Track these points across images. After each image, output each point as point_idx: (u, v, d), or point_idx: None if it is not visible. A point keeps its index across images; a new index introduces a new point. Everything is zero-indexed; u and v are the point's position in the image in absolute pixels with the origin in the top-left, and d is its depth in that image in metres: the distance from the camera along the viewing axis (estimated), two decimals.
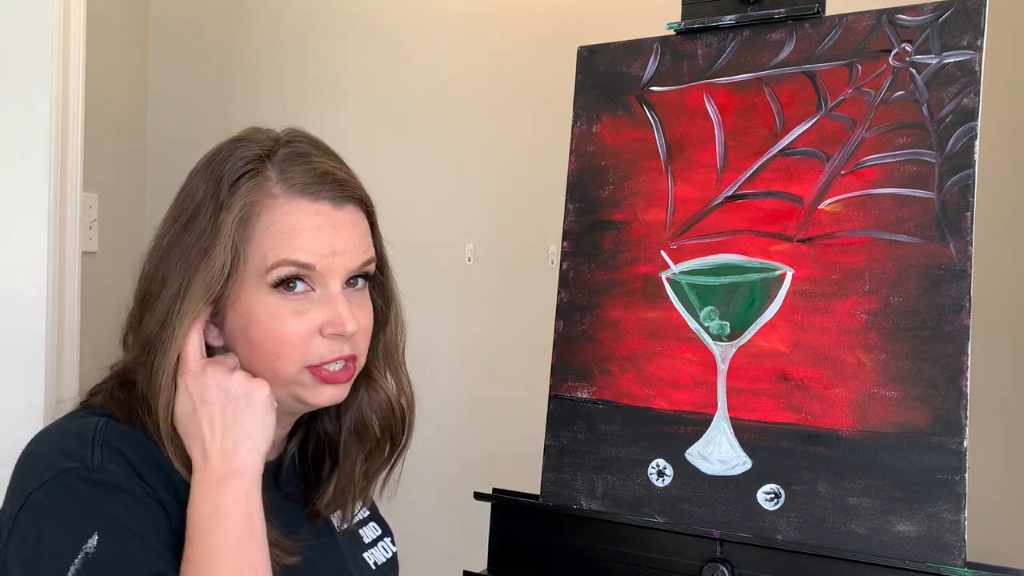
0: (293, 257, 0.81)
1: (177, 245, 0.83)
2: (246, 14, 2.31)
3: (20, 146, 1.64)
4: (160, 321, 0.81)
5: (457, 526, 1.13)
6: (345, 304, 0.83)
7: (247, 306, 0.82)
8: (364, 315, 0.87)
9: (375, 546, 1.00)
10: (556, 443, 1.18)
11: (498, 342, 2.07)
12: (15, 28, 1.64)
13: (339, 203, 0.84)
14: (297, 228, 0.82)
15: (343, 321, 0.82)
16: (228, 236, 0.80)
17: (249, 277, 0.82)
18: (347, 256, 0.84)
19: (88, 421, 0.80)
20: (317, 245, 0.82)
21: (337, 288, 0.83)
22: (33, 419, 1.63)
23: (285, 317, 0.82)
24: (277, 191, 0.83)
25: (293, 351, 0.82)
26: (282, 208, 0.82)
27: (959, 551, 0.94)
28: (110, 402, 0.83)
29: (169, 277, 0.82)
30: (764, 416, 1.06)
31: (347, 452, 0.94)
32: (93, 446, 0.77)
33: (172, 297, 0.81)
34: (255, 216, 0.82)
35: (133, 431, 0.81)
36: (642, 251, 1.17)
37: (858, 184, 1.06)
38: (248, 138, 0.86)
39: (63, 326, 1.69)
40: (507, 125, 2.08)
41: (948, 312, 0.99)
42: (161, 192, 2.34)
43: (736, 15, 1.15)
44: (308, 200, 0.83)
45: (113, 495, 0.75)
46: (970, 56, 1.02)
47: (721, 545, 1.05)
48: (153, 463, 0.79)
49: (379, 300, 0.92)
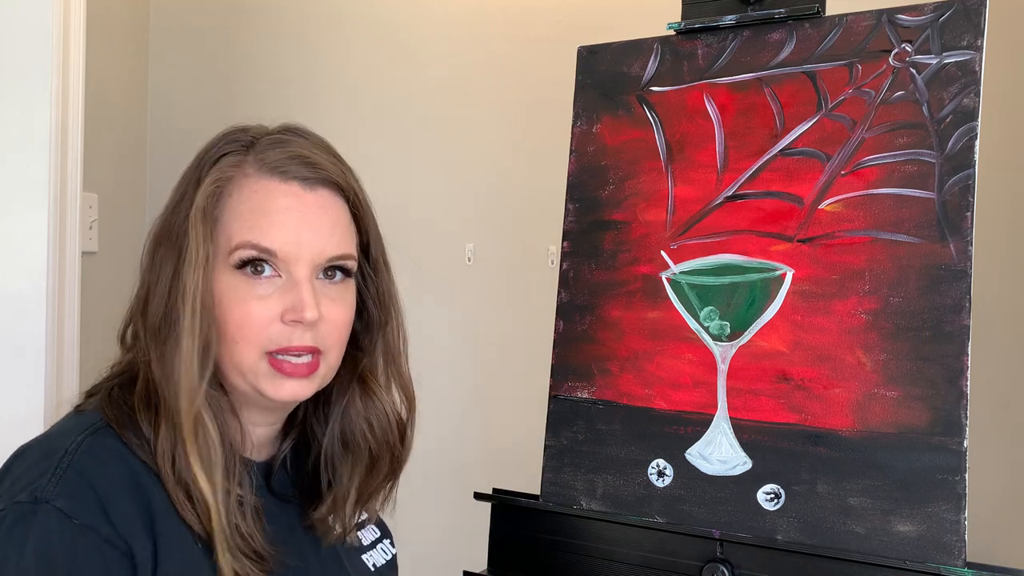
0: (255, 240, 0.80)
1: (164, 230, 0.83)
2: (246, 14, 2.31)
3: (20, 146, 1.64)
4: (162, 311, 0.80)
5: (457, 526, 1.13)
6: (309, 291, 0.80)
7: (217, 286, 0.80)
8: (336, 308, 0.84)
9: (373, 548, 0.99)
10: (556, 443, 1.18)
11: (498, 342, 2.07)
12: (15, 29, 1.64)
13: (310, 185, 0.82)
14: (263, 209, 0.80)
15: (303, 306, 0.79)
16: (199, 213, 0.79)
17: (218, 256, 0.81)
18: (315, 245, 0.81)
19: (66, 437, 0.77)
20: (283, 231, 0.80)
21: (303, 275, 0.81)
22: (33, 419, 1.63)
23: (247, 299, 0.80)
24: (250, 170, 0.82)
25: (251, 335, 0.80)
26: (251, 187, 0.81)
27: (959, 551, 0.94)
28: (106, 404, 0.81)
29: (163, 264, 0.81)
30: (764, 416, 1.06)
31: (338, 464, 0.91)
32: (55, 472, 0.74)
33: (167, 284, 0.80)
34: (226, 194, 0.81)
35: (116, 445, 0.78)
36: (642, 251, 1.17)
37: (858, 184, 1.06)
38: (242, 127, 0.86)
39: (63, 326, 1.69)
40: (507, 125, 2.08)
41: (948, 312, 0.99)
42: (161, 192, 2.33)
43: (736, 15, 1.15)
44: (278, 180, 0.81)
45: (48, 539, 0.71)
46: (970, 56, 1.02)
47: (721, 545, 1.05)
48: (129, 485, 0.76)
49: (372, 301, 0.90)
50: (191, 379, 0.78)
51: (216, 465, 0.78)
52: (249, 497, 0.82)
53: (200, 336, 0.78)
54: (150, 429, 0.79)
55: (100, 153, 2.01)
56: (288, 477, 0.93)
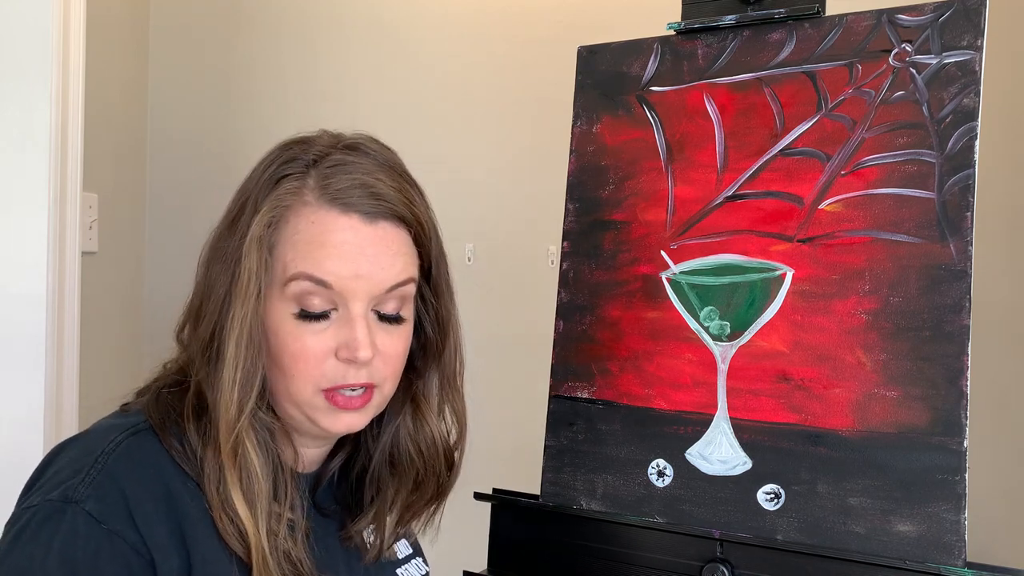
0: (310, 271, 0.77)
1: (220, 247, 0.80)
2: (246, 14, 2.31)
3: (20, 146, 1.64)
4: (211, 330, 0.78)
5: (457, 526, 1.12)
6: (364, 328, 0.78)
7: (270, 316, 0.78)
8: (392, 341, 0.81)
9: (408, 563, 0.98)
10: (556, 443, 1.18)
11: (498, 342, 2.07)
12: (15, 29, 1.64)
13: (372, 218, 0.78)
14: (319, 241, 0.77)
15: (357, 346, 0.77)
16: (254, 242, 0.76)
17: (273, 286, 0.78)
18: (373, 279, 0.78)
19: (106, 436, 0.77)
20: (339, 264, 0.77)
21: (359, 311, 0.78)
22: (32, 419, 1.63)
23: (302, 334, 0.78)
24: (310, 198, 0.78)
25: (306, 370, 0.78)
26: (309, 217, 0.78)
27: (959, 551, 0.94)
28: (152, 407, 0.80)
29: (216, 283, 0.79)
30: (764, 416, 1.06)
31: (383, 481, 0.90)
32: (89, 472, 0.74)
33: (217, 305, 0.78)
34: (283, 221, 0.78)
35: (155, 450, 0.77)
36: (642, 251, 1.17)
37: (858, 184, 1.06)
38: (311, 139, 0.83)
39: (63, 326, 1.69)
40: (507, 125, 2.08)
41: (948, 312, 0.99)
42: (161, 192, 2.34)
43: (736, 15, 1.15)
44: (338, 211, 0.78)
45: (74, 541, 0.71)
46: (970, 56, 1.02)
47: (721, 545, 1.05)
48: (161, 493, 0.75)
49: (430, 324, 0.88)
50: (229, 411, 0.76)
51: (259, 494, 0.77)
52: (300, 521, 0.81)
53: (243, 369, 0.76)
54: (198, 441, 0.78)
55: (100, 153, 2.01)
56: (331, 489, 0.92)
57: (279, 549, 0.77)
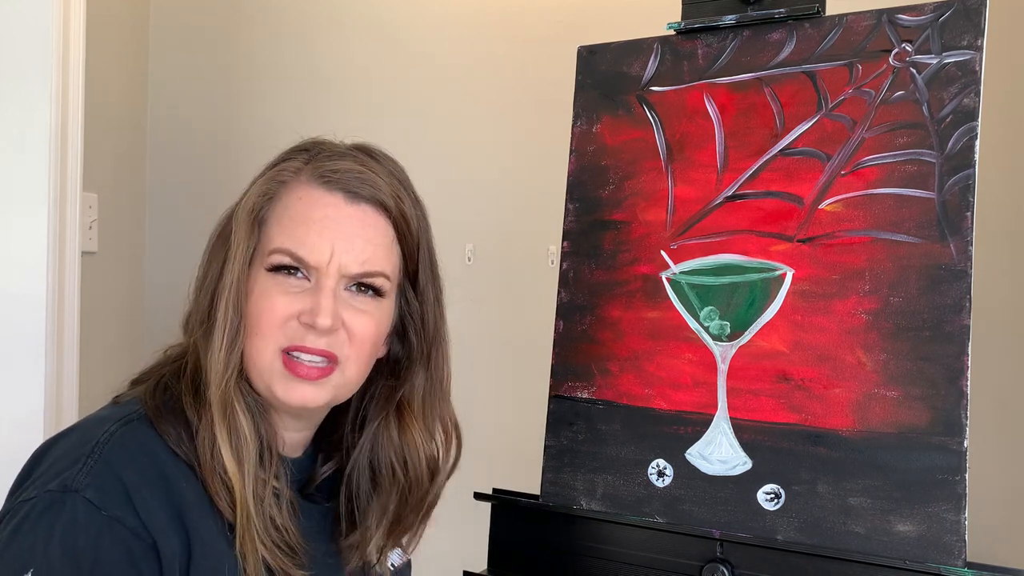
0: (290, 247, 0.81)
1: (223, 226, 0.86)
2: (246, 14, 2.31)
3: (20, 146, 1.64)
4: (207, 303, 0.83)
5: (457, 526, 1.13)
6: (330, 298, 0.81)
7: (252, 283, 0.82)
8: (360, 320, 0.83)
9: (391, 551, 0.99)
10: (556, 443, 1.18)
11: (498, 342, 2.06)
12: (15, 29, 1.64)
13: (353, 198, 0.83)
14: (302, 217, 0.82)
15: (319, 311, 0.80)
16: (245, 212, 0.82)
17: (258, 256, 0.83)
18: (344, 256, 0.82)
19: (100, 426, 0.78)
20: (317, 240, 0.81)
21: (328, 284, 0.81)
22: (32, 419, 1.63)
23: (273, 294, 0.81)
24: (303, 178, 0.84)
25: (269, 328, 0.81)
26: (298, 193, 0.83)
27: (959, 551, 0.94)
28: (149, 394, 0.82)
29: (214, 258, 0.84)
30: (764, 416, 1.06)
31: (364, 498, 0.91)
32: (86, 462, 0.75)
33: (215, 275, 0.83)
34: (276, 198, 0.83)
35: (149, 437, 0.79)
36: (642, 251, 1.17)
37: (858, 184, 1.06)
38: (320, 140, 0.88)
39: (63, 326, 1.69)
40: (507, 125, 2.08)
41: (948, 312, 0.99)
42: (161, 192, 2.34)
43: (736, 15, 1.15)
44: (323, 189, 0.83)
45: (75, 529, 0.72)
46: (970, 56, 1.02)
47: (721, 545, 1.05)
48: (157, 478, 0.77)
49: (413, 330, 0.90)
50: (219, 367, 0.79)
51: (247, 454, 0.79)
52: (285, 491, 0.83)
53: (230, 328, 0.80)
54: (194, 416, 0.80)
55: (100, 153, 2.01)
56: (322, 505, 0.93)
57: (265, 514, 0.79)
